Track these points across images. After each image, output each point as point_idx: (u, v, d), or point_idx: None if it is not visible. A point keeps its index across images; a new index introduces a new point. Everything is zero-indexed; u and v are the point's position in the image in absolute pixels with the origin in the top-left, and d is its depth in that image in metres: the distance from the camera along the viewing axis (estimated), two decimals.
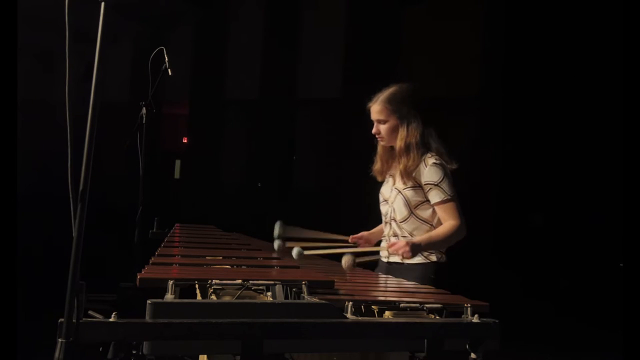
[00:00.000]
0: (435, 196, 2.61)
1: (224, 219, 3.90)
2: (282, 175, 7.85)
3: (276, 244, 2.59)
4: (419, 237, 2.61)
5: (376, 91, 2.78)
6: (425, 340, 1.58)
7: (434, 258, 2.66)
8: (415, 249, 2.52)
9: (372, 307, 1.80)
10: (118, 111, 5.64)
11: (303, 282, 1.77)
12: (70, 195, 1.39)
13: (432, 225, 2.67)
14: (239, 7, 8.22)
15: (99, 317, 1.42)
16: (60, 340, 1.33)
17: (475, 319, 1.64)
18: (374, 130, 2.75)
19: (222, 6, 8.20)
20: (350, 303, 1.67)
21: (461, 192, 2.69)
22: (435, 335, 1.59)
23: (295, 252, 2.41)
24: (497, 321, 1.62)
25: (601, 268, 5.82)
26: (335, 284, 1.88)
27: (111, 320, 1.39)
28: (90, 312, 1.45)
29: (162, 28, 8.00)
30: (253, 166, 8.07)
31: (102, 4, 1.48)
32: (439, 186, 2.60)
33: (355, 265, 2.39)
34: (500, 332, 1.61)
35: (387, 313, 1.75)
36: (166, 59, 3.73)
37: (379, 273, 2.67)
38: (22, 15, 2.49)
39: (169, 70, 3.72)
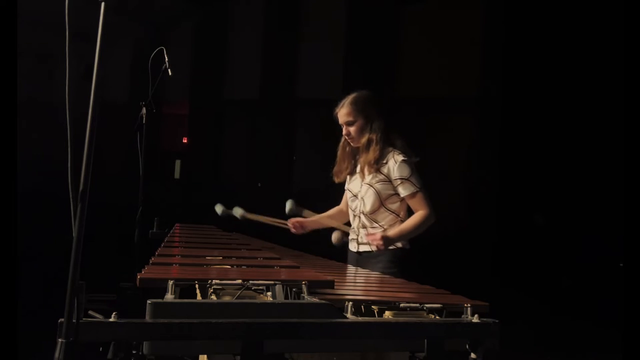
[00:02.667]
0: (406, 189, 2.91)
1: (224, 219, 3.90)
2: (282, 175, 7.85)
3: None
4: (391, 231, 2.90)
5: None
6: (425, 340, 1.58)
7: (399, 245, 2.93)
8: (388, 241, 2.84)
9: (372, 307, 1.80)
10: (118, 111, 5.64)
11: (303, 282, 1.77)
12: (70, 195, 1.39)
13: (399, 216, 2.96)
14: (239, 7, 8.22)
15: (99, 317, 1.42)
16: (60, 340, 1.33)
17: (475, 319, 1.64)
18: (344, 132, 3.03)
19: (222, 6, 8.20)
20: (350, 303, 1.67)
21: (461, 192, 2.73)
22: (435, 335, 1.59)
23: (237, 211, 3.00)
24: (497, 321, 1.62)
25: (601, 268, 5.82)
26: (335, 284, 1.88)
27: (111, 320, 1.39)
28: (90, 312, 1.44)
29: (162, 28, 8.00)
30: (253, 166, 8.07)
31: (102, 4, 1.47)
32: (409, 180, 2.90)
33: (344, 240, 2.91)
34: (500, 332, 1.61)
35: (387, 313, 1.75)
36: (166, 59, 3.73)
37: (379, 273, 2.68)
38: (22, 15, 2.49)
39: (169, 70, 3.72)
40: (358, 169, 3.05)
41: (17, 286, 2.03)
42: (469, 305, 1.73)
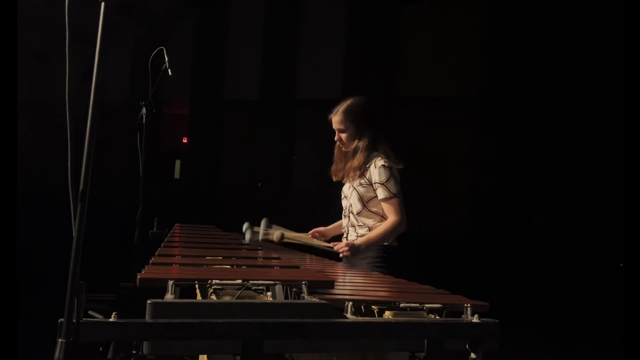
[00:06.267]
0: (380, 193, 2.98)
1: (224, 219, 3.90)
2: (282, 175, 7.85)
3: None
4: (359, 240, 2.98)
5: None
6: (425, 340, 1.58)
7: (386, 242, 2.99)
8: (354, 250, 2.91)
9: (372, 307, 1.80)
10: (118, 111, 5.65)
11: (303, 282, 1.77)
12: (70, 195, 1.39)
13: (383, 217, 3.02)
14: (239, 6, 8.22)
15: (99, 317, 1.42)
16: (60, 340, 1.33)
17: (475, 319, 1.64)
18: (336, 138, 3.13)
19: (222, 6, 8.20)
20: (350, 303, 1.67)
21: (461, 192, 2.72)
22: (435, 335, 1.59)
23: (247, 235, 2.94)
24: (497, 321, 1.62)
25: (601, 268, 5.82)
26: (335, 284, 1.88)
27: (111, 320, 1.38)
28: (90, 312, 1.45)
29: (162, 28, 8.00)
30: (253, 166, 8.07)
31: (102, 4, 1.47)
32: (385, 185, 2.97)
33: (283, 239, 2.91)
34: (500, 332, 1.61)
35: (387, 313, 1.75)
36: (166, 59, 3.73)
37: (378, 273, 2.68)
38: (22, 15, 2.49)
39: (169, 70, 3.72)
40: (346, 172, 3.17)
41: (17, 286, 2.03)
42: (469, 305, 1.73)
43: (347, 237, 3.13)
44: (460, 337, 1.62)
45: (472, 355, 1.61)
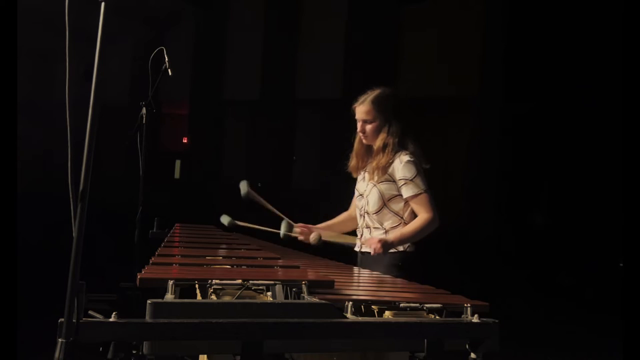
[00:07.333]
0: (409, 190, 2.79)
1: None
2: (282, 175, 7.85)
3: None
4: (392, 235, 2.79)
5: (361, 93, 2.89)
6: (425, 340, 1.58)
7: (400, 248, 2.81)
8: (387, 247, 2.72)
9: (372, 307, 1.80)
10: (118, 111, 5.65)
11: (303, 282, 1.77)
12: (70, 195, 1.39)
13: (402, 218, 2.85)
14: (239, 7, 8.22)
15: (99, 317, 1.42)
16: (60, 340, 1.33)
17: (475, 319, 1.64)
18: (359, 129, 2.90)
19: (222, 6, 8.20)
20: (350, 303, 1.67)
21: (461, 192, 2.71)
22: (435, 335, 1.59)
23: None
24: (497, 321, 1.62)
25: (601, 268, 5.82)
26: (335, 284, 1.88)
27: (111, 320, 1.39)
28: (90, 312, 1.44)
29: (162, 28, 8.01)
30: (253, 166, 8.07)
31: (102, 4, 1.47)
32: (413, 181, 2.78)
33: (320, 241, 2.77)
34: (499, 332, 1.61)
35: (387, 313, 1.75)
36: (166, 59, 3.73)
37: (378, 273, 2.67)
38: (22, 15, 2.49)
39: (169, 70, 3.71)
40: (368, 168, 2.95)
41: (17, 286, 2.03)
42: (469, 305, 1.73)
43: (361, 239, 2.94)
44: (460, 337, 1.62)
45: (472, 355, 1.61)
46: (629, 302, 2.21)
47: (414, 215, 2.84)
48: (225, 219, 3.04)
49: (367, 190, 2.91)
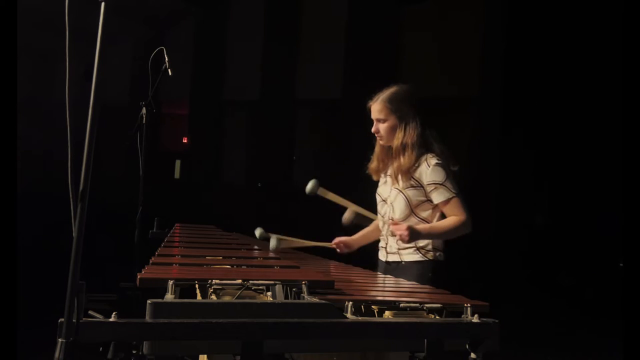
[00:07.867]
0: (440, 195, 2.63)
1: (224, 219, 3.90)
2: (282, 175, 7.85)
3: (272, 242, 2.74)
4: (422, 226, 2.63)
5: (376, 91, 2.80)
6: (425, 340, 1.58)
7: (430, 256, 2.67)
8: (414, 235, 2.56)
9: (372, 307, 1.80)
10: (118, 111, 5.65)
11: (303, 282, 1.76)
12: (70, 195, 1.39)
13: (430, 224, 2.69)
14: (239, 7, 8.22)
15: (99, 317, 1.42)
16: (60, 340, 1.33)
17: (475, 319, 1.64)
18: (373, 129, 2.77)
19: (222, 6, 8.20)
20: (350, 303, 1.67)
21: (461, 192, 2.70)
22: (435, 335, 1.59)
23: (272, 242, 2.65)
24: (497, 321, 1.62)
25: (601, 268, 5.82)
26: (335, 284, 1.88)
27: (111, 320, 1.38)
28: (90, 312, 1.44)
29: (162, 28, 8.01)
30: (253, 166, 8.07)
31: (102, 4, 1.47)
32: (444, 185, 2.63)
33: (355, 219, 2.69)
34: (499, 332, 1.61)
35: (387, 313, 1.75)
36: (166, 59, 3.73)
37: (378, 273, 2.67)
38: (22, 15, 2.49)
39: (169, 70, 3.71)
40: (389, 171, 2.78)
41: (17, 286, 2.03)
42: (469, 305, 1.73)
43: (386, 247, 2.77)
44: (460, 337, 1.62)
45: (472, 355, 1.61)
46: (629, 303, 2.21)
47: None
48: (258, 232, 2.96)
49: (391, 196, 2.75)
